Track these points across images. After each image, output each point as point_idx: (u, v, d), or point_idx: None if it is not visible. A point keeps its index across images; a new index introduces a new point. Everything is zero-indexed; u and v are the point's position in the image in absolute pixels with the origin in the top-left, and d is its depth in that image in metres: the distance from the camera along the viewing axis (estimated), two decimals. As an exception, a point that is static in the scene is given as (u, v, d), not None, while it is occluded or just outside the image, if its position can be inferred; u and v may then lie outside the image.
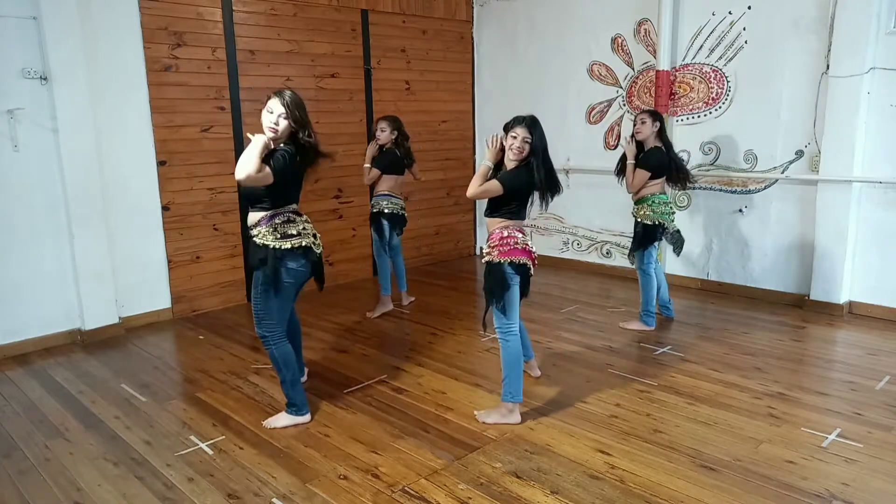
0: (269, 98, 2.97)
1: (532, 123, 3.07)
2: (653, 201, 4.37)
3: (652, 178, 4.33)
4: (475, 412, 3.30)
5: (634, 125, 4.38)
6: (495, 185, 3.07)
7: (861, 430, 3.07)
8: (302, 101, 3.02)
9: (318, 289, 3.31)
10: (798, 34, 4.82)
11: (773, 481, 2.65)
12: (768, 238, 5.18)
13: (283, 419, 3.24)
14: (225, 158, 5.15)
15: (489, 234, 3.20)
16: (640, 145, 4.39)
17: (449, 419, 3.27)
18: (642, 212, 4.40)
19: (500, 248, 3.11)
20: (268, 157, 2.90)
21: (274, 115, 2.93)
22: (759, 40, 5.01)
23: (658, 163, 4.32)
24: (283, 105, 2.93)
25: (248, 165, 2.82)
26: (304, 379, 3.62)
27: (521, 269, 3.14)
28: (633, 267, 4.65)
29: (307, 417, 3.26)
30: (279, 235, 3.03)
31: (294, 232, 3.07)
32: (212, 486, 2.70)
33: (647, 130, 4.30)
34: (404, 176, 5.00)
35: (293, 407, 3.24)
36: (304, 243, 3.08)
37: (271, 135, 2.92)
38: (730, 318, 4.80)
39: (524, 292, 3.24)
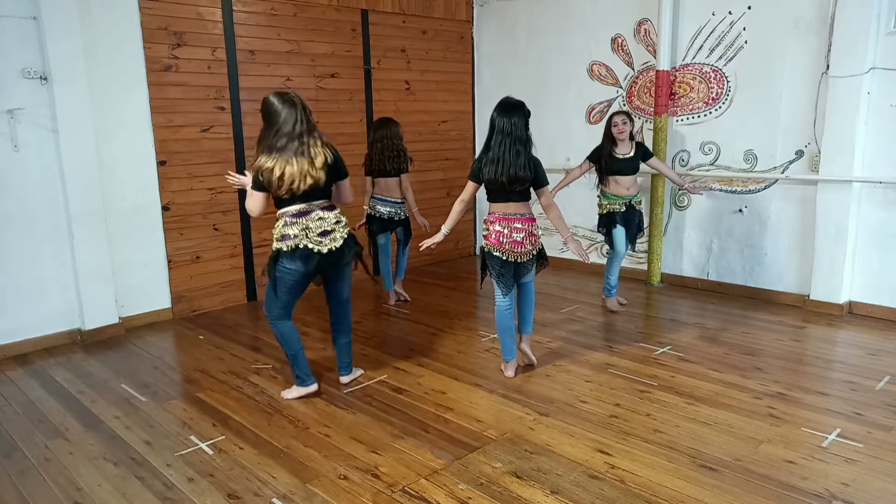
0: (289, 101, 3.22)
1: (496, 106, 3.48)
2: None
3: None
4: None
5: (622, 125, 4.71)
6: (468, 185, 3.61)
7: (861, 430, 3.07)
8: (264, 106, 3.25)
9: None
10: (798, 34, 4.82)
11: (773, 481, 2.65)
12: (768, 238, 5.18)
13: (293, 391, 3.55)
14: (225, 158, 5.15)
15: None
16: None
17: (449, 419, 3.27)
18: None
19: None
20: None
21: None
22: (759, 40, 5.01)
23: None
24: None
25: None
26: (345, 379, 3.74)
27: (493, 259, 3.56)
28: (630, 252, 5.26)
29: (314, 387, 3.54)
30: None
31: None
32: (212, 486, 2.71)
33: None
34: (396, 179, 5.02)
35: (298, 379, 3.53)
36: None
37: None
38: (730, 318, 4.80)
39: (516, 272, 3.61)
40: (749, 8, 5.03)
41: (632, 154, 4.76)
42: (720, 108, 5.30)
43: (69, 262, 4.52)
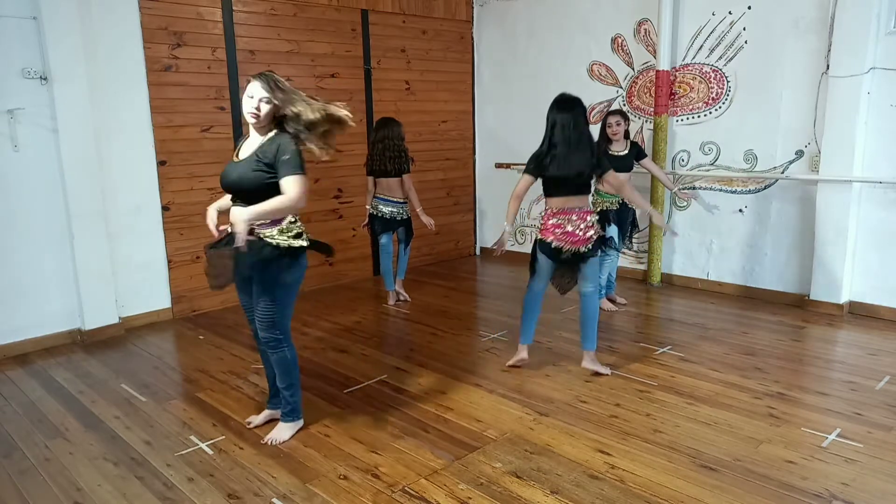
0: (248, 83, 2.80)
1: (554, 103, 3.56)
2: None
3: None
4: None
5: (616, 126, 4.76)
6: (524, 178, 3.65)
7: (861, 430, 3.07)
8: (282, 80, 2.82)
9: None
10: (798, 34, 4.82)
11: (773, 481, 2.65)
12: (768, 238, 5.18)
13: (286, 431, 3.07)
14: (225, 158, 5.11)
15: None
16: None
17: (449, 419, 3.27)
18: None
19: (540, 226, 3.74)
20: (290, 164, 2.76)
21: (255, 100, 2.75)
22: (759, 40, 5.02)
23: None
24: (266, 88, 2.74)
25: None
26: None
27: (544, 246, 3.63)
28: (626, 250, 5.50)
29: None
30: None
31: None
32: (212, 486, 2.70)
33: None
34: (397, 179, 5.03)
35: (295, 412, 3.10)
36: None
37: (252, 120, 2.79)
38: (730, 318, 4.80)
39: (575, 264, 3.69)
40: (749, 8, 5.03)
41: (626, 152, 4.81)
42: (720, 108, 5.30)
43: (69, 262, 4.52)
